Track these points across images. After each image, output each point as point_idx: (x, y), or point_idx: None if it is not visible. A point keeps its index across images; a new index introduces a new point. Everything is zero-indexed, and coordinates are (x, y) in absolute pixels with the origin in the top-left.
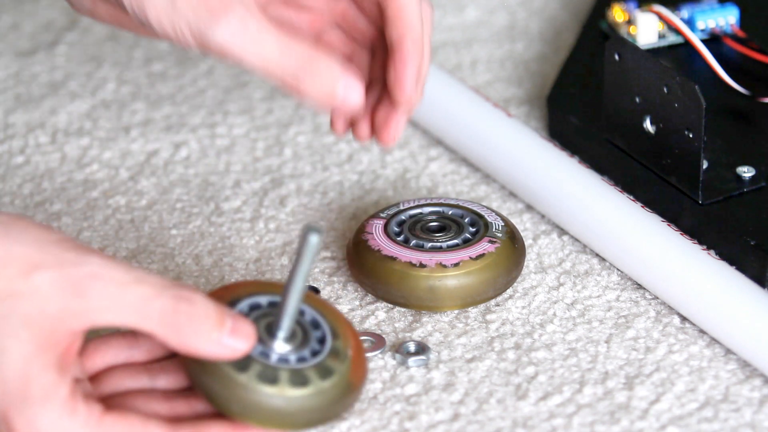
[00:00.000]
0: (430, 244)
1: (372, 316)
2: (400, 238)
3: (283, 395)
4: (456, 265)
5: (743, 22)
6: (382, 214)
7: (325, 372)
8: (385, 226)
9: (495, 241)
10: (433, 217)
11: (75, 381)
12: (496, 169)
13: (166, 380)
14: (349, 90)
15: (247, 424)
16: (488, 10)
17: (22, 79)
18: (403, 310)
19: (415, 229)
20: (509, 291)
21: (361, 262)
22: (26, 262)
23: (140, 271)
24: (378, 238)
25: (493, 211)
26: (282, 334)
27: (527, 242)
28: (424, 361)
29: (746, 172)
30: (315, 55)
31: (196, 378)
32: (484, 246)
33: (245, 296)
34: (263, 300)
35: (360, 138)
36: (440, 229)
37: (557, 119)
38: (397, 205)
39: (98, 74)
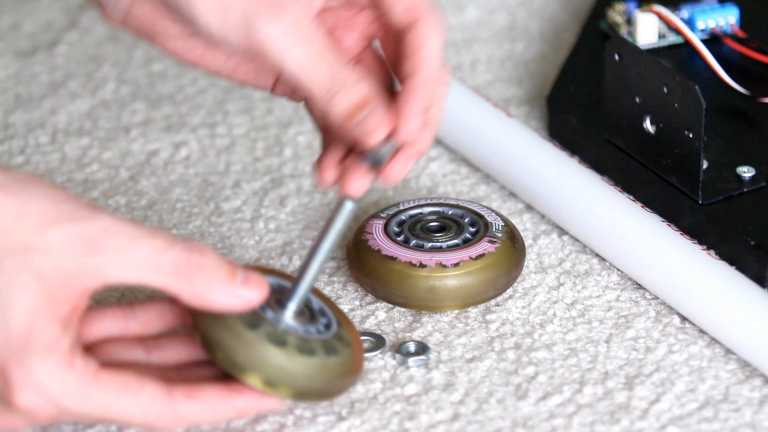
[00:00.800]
0: (430, 244)
1: (372, 316)
2: (400, 238)
3: (290, 357)
4: (456, 265)
5: (743, 22)
6: (382, 214)
7: (330, 349)
8: (385, 226)
9: (495, 241)
10: (433, 217)
11: (75, 340)
12: (496, 169)
13: (161, 355)
14: (372, 118)
15: (245, 383)
16: (488, 10)
17: (22, 79)
18: (403, 310)
19: (415, 229)
20: (509, 291)
21: (361, 262)
22: (42, 216)
23: (150, 227)
24: (378, 238)
25: (493, 211)
26: (293, 305)
27: (527, 242)
28: (424, 361)
29: (746, 172)
30: (348, 74)
31: (205, 330)
32: (484, 246)
33: None
34: (271, 280)
35: (345, 186)
36: (440, 229)
37: (557, 119)
38: (397, 205)
39: (98, 74)
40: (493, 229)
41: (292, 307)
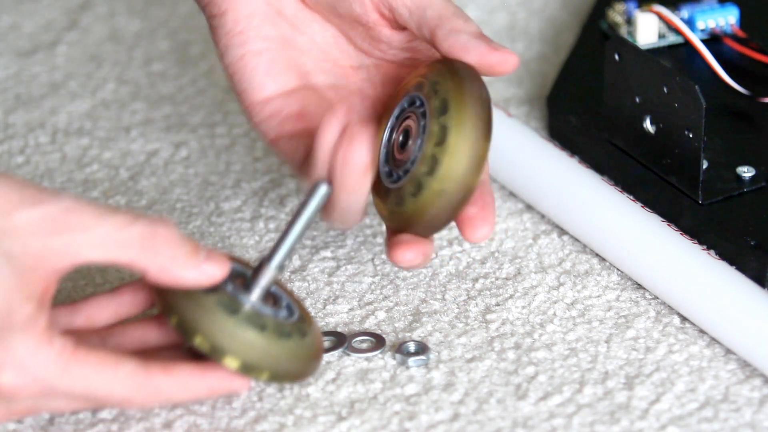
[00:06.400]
0: None
1: (372, 316)
2: None
3: (269, 341)
4: None
5: (743, 22)
6: None
7: (302, 332)
8: None
9: None
10: None
11: (49, 319)
12: (496, 169)
13: (116, 342)
14: None
15: (220, 365)
16: (488, 10)
17: (22, 79)
18: (403, 309)
19: None
20: (509, 291)
21: None
22: (5, 201)
23: (113, 206)
24: None
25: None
26: (260, 290)
27: (527, 242)
28: (424, 361)
29: (746, 172)
30: None
31: (183, 313)
32: None
33: None
34: (232, 265)
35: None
36: None
37: (557, 119)
38: None
39: (98, 74)
40: None
41: (258, 291)
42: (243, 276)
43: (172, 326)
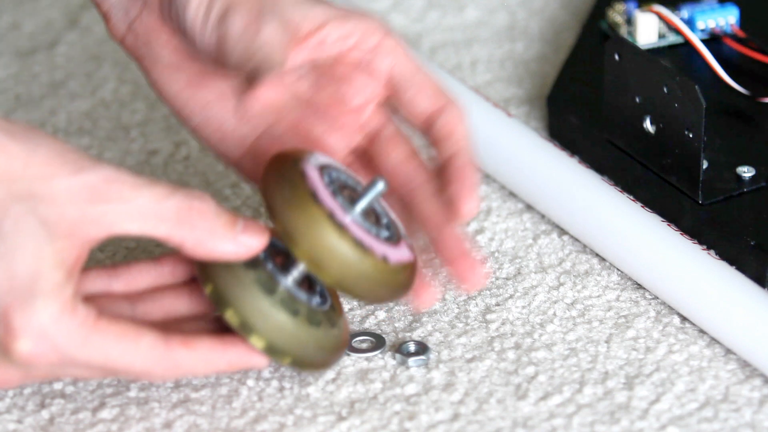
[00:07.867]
0: None
1: (372, 315)
2: None
3: (300, 328)
4: None
5: (743, 22)
6: None
7: (331, 322)
8: None
9: None
10: None
11: (76, 288)
12: (496, 169)
13: (146, 309)
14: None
15: (244, 341)
16: (488, 10)
17: (22, 79)
18: (403, 309)
19: None
20: (509, 291)
21: None
22: (47, 165)
23: (152, 177)
24: None
25: None
26: (298, 273)
27: (527, 242)
28: (424, 361)
29: (746, 172)
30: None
31: (221, 286)
32: None
33: None
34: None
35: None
36: None
37: (557, 119)
38: None
39: (98, 74)
40: None
41: (296, 273)
42: (282, 254)
43: (207, 294)
